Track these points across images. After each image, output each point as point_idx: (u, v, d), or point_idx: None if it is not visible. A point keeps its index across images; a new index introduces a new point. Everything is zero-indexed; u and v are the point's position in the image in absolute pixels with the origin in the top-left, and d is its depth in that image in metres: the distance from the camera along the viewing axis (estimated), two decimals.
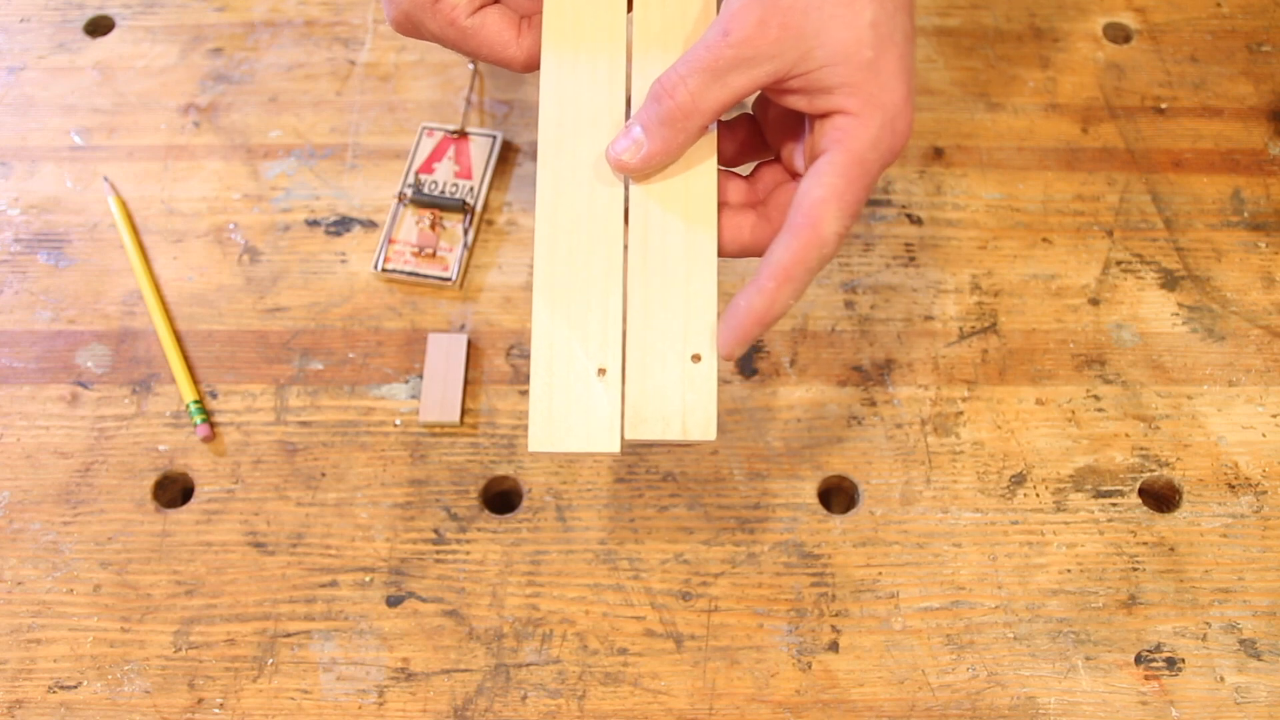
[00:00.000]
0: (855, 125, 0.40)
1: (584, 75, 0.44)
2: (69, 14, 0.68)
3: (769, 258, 0.41)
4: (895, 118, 0.41)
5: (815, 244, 0.40)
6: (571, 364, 0.41)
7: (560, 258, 0.42)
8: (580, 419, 0.41)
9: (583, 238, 0.42)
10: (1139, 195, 0.62)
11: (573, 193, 0.43)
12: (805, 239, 0.40)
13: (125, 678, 0.49)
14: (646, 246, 0.42)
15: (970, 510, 0.53)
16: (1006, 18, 0.68)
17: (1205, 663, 0.50)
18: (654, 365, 0.41)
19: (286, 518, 0.53)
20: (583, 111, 0.44)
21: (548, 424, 0.41)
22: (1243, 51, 0.67)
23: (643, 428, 0.41)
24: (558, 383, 0.41)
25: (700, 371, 0.41)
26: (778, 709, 0.49)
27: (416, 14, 0.44)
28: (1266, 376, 0.56)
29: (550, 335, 0.42)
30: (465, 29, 0.44)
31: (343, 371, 0.57)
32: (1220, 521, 0.53)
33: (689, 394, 0.41)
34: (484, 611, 0.51)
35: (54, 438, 0.55)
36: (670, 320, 0.41)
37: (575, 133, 0.43)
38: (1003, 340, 0.57)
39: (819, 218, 0.40)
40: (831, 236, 0.40)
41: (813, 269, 0.41)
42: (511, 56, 0.45)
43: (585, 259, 0.42)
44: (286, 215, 0.61)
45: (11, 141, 0.63)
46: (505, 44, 0.44)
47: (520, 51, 0.45)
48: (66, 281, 0.59)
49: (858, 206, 0.41)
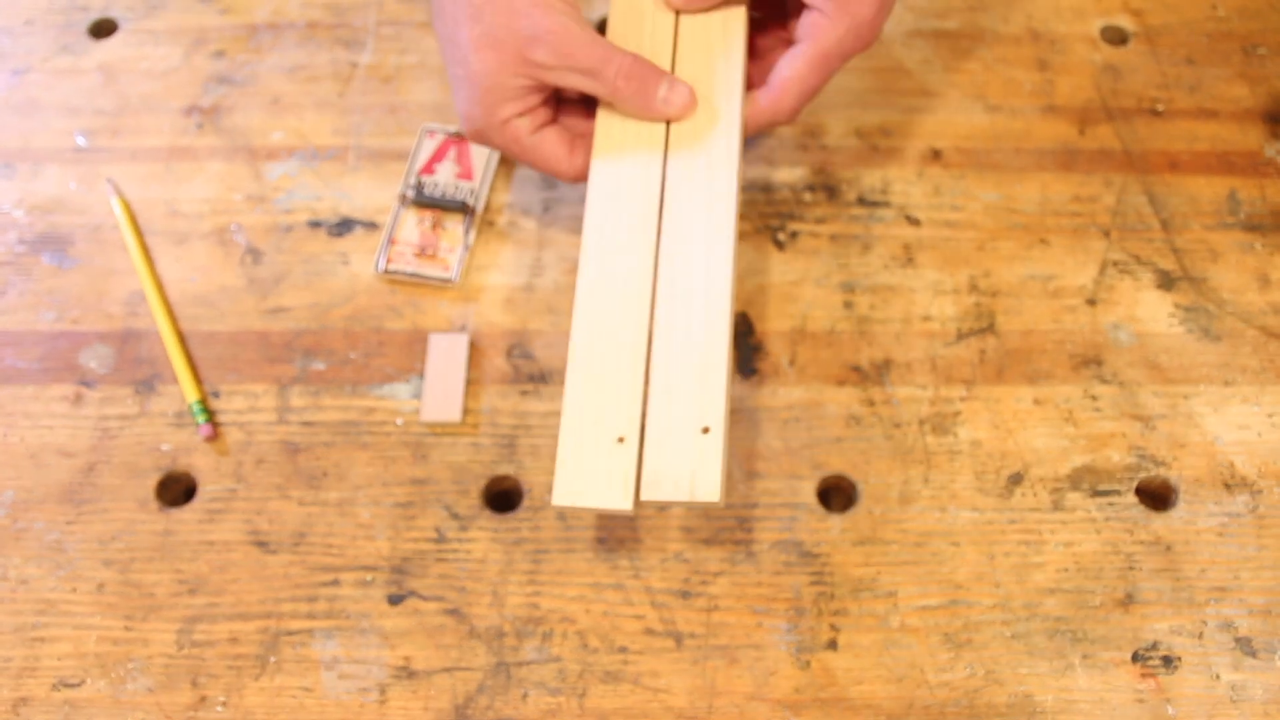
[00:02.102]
0: (826, 24, 0.51)
1: (625, 186, 0.52)
2: (73, 16, 0.68)
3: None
4: (861, 26, 0.51)
5: (771, 112, 0.52)
6: (596, 431, 0.47)
7: (594, 338, 0.49)
8: (600, 480, 0.46)
9: (614, 324, 0.49)
10: (1136, 196, 0.62)
11: (608, 286, 0.50)
12: (765, 105, 0.52)
13: (128, 676, 0.50)
14: (670, 335, 0.49)
15: (968, 509, 0.53)
16: (1004, 20, 0.68)
17: (1201, 661, 0.50)
18: (670, 436, 0.47)
19: (289, 517, 0.53)
20: (622, 218, 0.51)
21: (571, 483, 0.46)
22: (1239, 54, 0.67)
23: (657, 490, 0.46)
24: (584, 447, 0.47)
25: (709, 442, 0.46)
26: (777, 707, 0.49)
27: (488, 131, 0.52)
28: (1262, 376, 0.57)
29: (580, 405, 0.48)
30: (526, 146, 0.53)
31: (344, 371, 0.57)
32: (1216, 520, 0.53)
33: (698, 461, 0.46)
34: (485, 610, 0.51)
35: (57, 437, 0.55)
36: (686, 398, 0.47)
37: (615, 235, 0.51)
38: (1000, 340, 0.58)
39: (782, 93, 0.52)
40: (786, 110, 0.52)
41: (764, 129, 0.53)
42: (563, 171, 0.53)
43: (615, 343, 0.49)
44: (289, 216, 0.61)
45: (16, 143, 0.64)
46: (559, 159, 0.53)
47: (571, 168, 0.53)
48: (70, 282, 0.59)
49: (816, 89, 0.52)
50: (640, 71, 0.51)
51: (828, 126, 0.64)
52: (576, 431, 0.47)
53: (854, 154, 0.63)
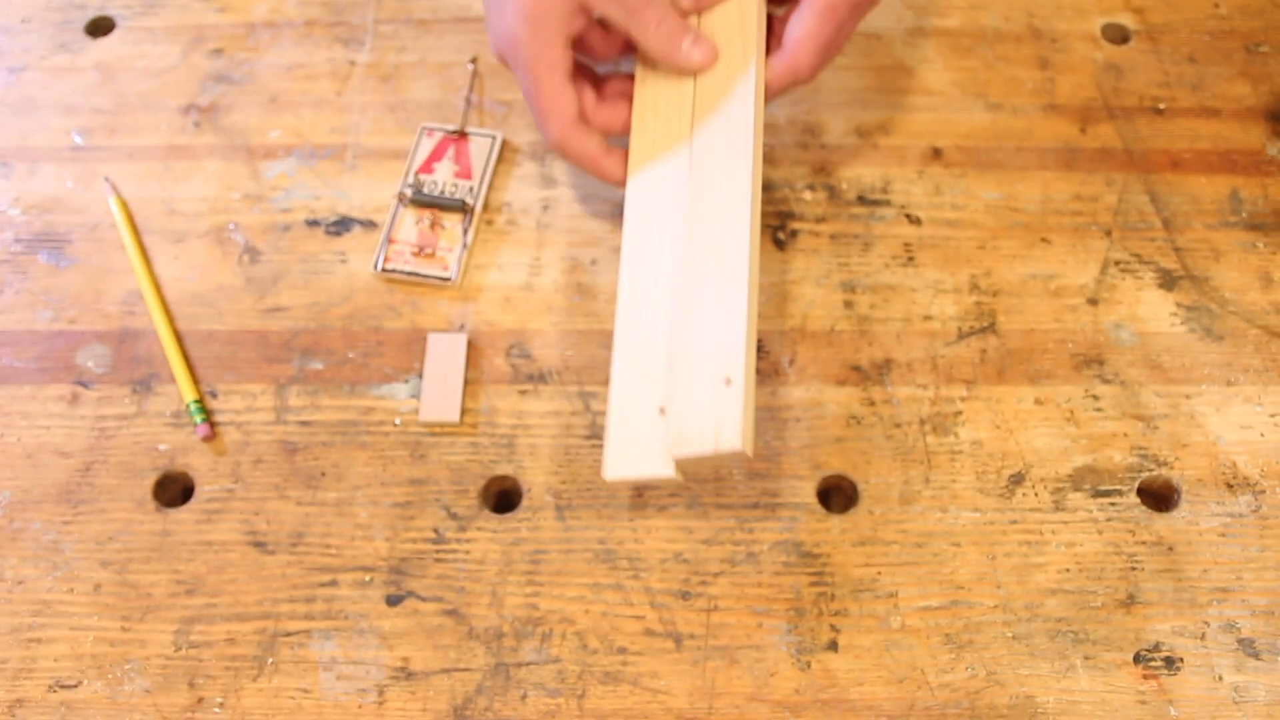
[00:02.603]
0: None
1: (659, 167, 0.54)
2: (70, 15, 0.68)
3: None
4: None
5: (790, 71, 0.53)
6: (638, 405, 0.49)
7: (634, 322, 0.50)
8: (646, 451, 0.48)
9: (653, 299, 0.51)
10: (1137, 195, 0.62)
11: (645, 261, 0.52)
12: (785, 65, 0.53)
13: (125, 677, 0.50)
14: (691, 295, 0.49)
15: (969, 510, 0.53)
16: (1005, 18, 0.68)
17: (1204, 662, 0.50)
18: (693, 391, 0.47)
19: (286, 517, 0.53)
20: (659, 192, 0.53)
21: (620, 456, 0.48)
22: (1240, 52, 0.67)
23: (684, 445, 0.47)
24: (629, 421, 0.48)
25: (730, 393, 0.47)
26: (777, 708, 0.49)
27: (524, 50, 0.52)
28: (1264, 376, 0.56)
29: (625, 382, 0.49)
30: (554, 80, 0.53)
31: (343, 371, 0.57)
32: (1219, 521, 0.53)
33: (722, 413, 0.46)
34: (484, 611, 0.51)
35: (54, 437, 0.55)
36: (708, 353, 0.48)
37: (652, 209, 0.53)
38: (1001, 340, 0.57)
39: (796, 50, 0.53)
40: (805, 66, 0.53)
41: (786, 89, 0.54)
42: (566, 120, 0.53)
43: (653, 315, 0.50)
44: (287, 215, 0.61)
45: (12, 142, 0.64)
46: (568, 105, 0.53)
47: (570, 122, 0.53)
48: (67, 281, 0.59)
49: (830, 42, 0.53)
50: (671, 20, 0.54)
51: (828, 125, 0.64)
52: (621, 407, 0.49)
53: (854, 152, 0.63)
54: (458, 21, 0.68)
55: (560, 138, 0.53)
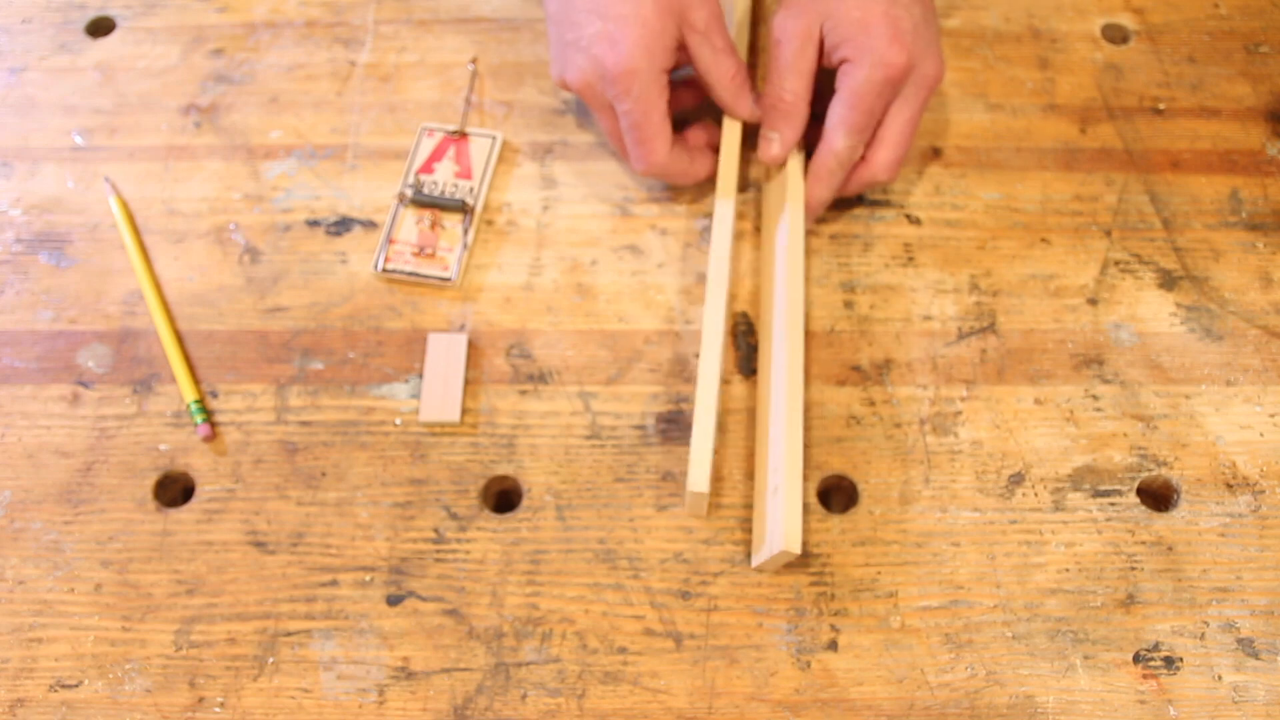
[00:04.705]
0: (851, 68, 0.55)
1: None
2: (70, 15, 0.68)
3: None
4: (883, 55, 0.54)
5: (830, 154, 0.57)
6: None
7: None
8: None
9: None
10: (1137, 195, 0.62)
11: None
12: (823, 152, 0.57)
13: (126, 677, 0.50)
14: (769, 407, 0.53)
15: (969, 510, 0.53)
16: (1005, 18, 0.68)
17: (1203, 662, 0.50)
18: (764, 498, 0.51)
19: (287, 517, 0.53)
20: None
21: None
22: (1240, 52, 0.67)
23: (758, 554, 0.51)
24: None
25: (777, 501, 0.49)
26: (777, 708, 0.49)
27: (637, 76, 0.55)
28: (1264, 376, 0.56)
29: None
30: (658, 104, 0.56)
31: (343, 371, 0.57)
32: (1218, 521, 0.53)
33: (772, 518, 0.49)
34: (484, 610, 0.51)
35: (55, 437, 0.55)
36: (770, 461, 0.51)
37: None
38: (1001, 340, 0.57)
39: (831, 138, 0.56)
40: (843, 149, 0.56)
41: (834, 172, 0.57)
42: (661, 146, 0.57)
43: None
44: (287, 215, 0.61)
45: (13, 142, 0.64)
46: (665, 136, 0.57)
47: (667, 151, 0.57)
48: (68, 281, 0.59)
49: (862, 125, 0.56)
50: (745, 81, 0.58)
51: None
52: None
53: None
54: (458, 21, 0.68)
55: (665, 161, 0.57)
